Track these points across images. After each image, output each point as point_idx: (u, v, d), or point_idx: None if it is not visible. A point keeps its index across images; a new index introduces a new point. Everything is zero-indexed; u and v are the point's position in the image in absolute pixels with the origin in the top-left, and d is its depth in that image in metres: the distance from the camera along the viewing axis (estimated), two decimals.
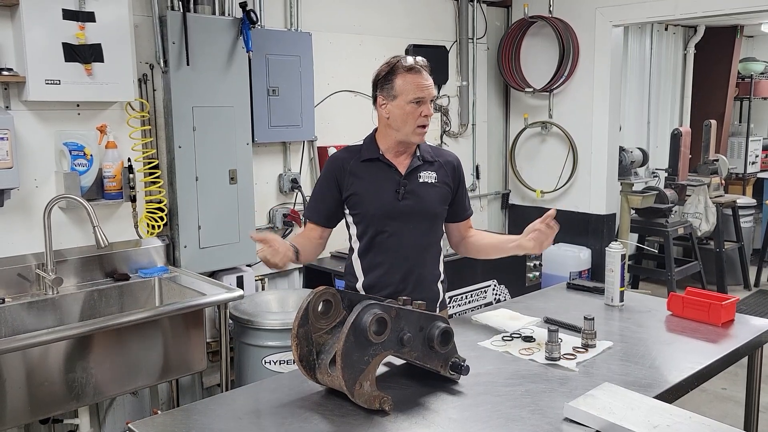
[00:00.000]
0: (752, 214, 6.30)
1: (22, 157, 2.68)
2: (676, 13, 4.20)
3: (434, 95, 2.19)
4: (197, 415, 1.72)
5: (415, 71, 2.14)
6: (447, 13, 4.51)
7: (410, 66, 2.14)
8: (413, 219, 2.21)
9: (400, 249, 2.21)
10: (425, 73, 2.16)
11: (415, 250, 2.23)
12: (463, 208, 2.37)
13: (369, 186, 2.20)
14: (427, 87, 2.14)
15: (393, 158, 2.23)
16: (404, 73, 2.13)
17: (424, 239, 2.25)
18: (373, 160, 2.22)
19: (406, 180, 2.20)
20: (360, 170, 2.22)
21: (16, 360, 2.22)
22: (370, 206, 2.20)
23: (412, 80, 2.13)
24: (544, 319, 2.33)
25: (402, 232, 2.20)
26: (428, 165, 2.25)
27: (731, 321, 2.31)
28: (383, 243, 2.21)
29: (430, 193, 2.23)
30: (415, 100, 2.12)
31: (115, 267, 2.94)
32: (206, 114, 3.14)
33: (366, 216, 2.22)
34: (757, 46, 7.43)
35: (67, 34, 2.64)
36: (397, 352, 1.73)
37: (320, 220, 2.28)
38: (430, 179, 2.24)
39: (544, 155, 4.89)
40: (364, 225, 2.23)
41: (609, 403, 1.62)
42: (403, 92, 2.13)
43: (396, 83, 2.13)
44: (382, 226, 2.20)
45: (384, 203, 2.19)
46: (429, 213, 2.24)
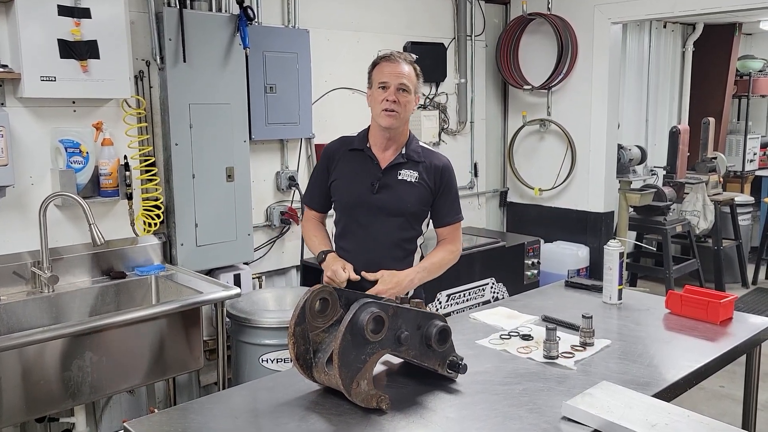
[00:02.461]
0: (750, 212, 6.31)
1: (18, 154, 2.66)
2: (675, 11, 4.19)
3: (404, 84, 2.21)
4: (193, 413, 1.71)
5: (388, 59, 2.23)
6: (445, 10, 4.50)
7: (386, 55, 2.24)
8: (385, 213, 2.26)
9: (368, 240, 2.27)
10: (401, 63, 2.22)
11: (383, 244, 2.27)
12: (442, 214, 2.34)
13: (348, 174, 2.30)
14: (395, 73, 2.20)
15: (378, 152, 2.29)
16: (380, 62, 2.25)
17: (394, 235, 2.28)
18: (358, 151, 2.31)
19: (382, 174, 2.26)
20: (345, 159, 2.32)
21: (12, 358, 2.20)
22: (345, 194, 2.31)
23: (383, 67, 2.22)
24: (542, 318, 2.33)
25: (372, 224, 2.26)
26: (412, 164, 2.29)
27: (729, 319, 2.31)
28: (353, 231, 2.30)
29: (407, 191, 2.26)
30: (380, 84, 2.21)
31: (112, 265, 2.93)
32: (203, 111, 3.13)
33: (341, 203, 2.32)
34: (756, 44, 7.42)
35: (63, 30, 2.63)
36: (395, 350, 1.72)
37: (316, 206, 2.43)
38: (410, 178, 2.27)
39: (542, 153, 4.88)
40: (339, 211, 2.35)
41: (607, 401, 1.62)
42: (375, 79, 2.24)
43: (373, 72, 2.26)
44: (354, 215, 2.29)
45: (358, 193, 2.27)
46: (402, 210, 2.27)
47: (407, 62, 2.25)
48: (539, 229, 4.79)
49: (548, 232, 4.82)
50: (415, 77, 2.25)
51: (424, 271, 2.29)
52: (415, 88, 2.25)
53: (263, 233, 3.62)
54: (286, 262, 3.75)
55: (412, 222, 2.31)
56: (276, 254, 3.70)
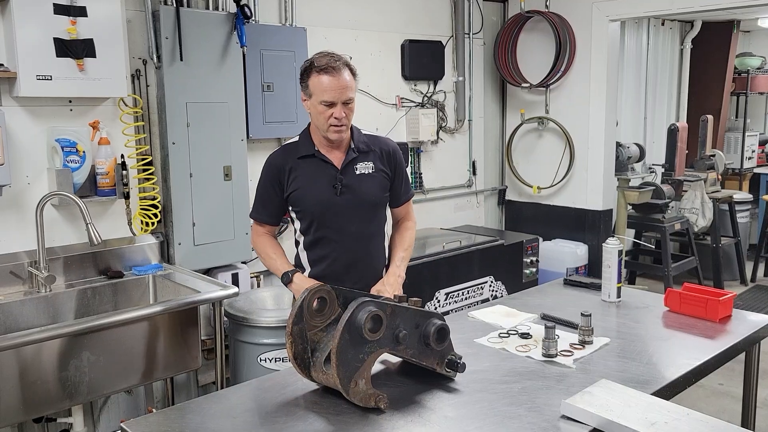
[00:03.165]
0: (749, 210, 6.31)
1: (14, 153, 2.65)
2: (673, 8, 4.19)
3: (349, 96, 2.13)
4: (191, 413, 1.70)
5: (327, 72, 2.10)
6: (443, 8, 4.49)
7: (322, 66, 2.11)
8: (353, 211, 2.25)
9: (343, 241, 2.26)
10: (342, 74, 2.11)
11: (358, 240, 2.27)
12: (398, 194, 2.38)
13: (307, 182, 2.24)
14: (339, 89, 2.10)
15: (328, 152, 2.25)
16: (317, 73, 2.12)
17: (366, 229, 2.28)
18: (309, 157, 2.25)
19: (342, 175, 2.23)
20: (298, 167, 2.26)
21: (9, 358, 2.19)
22: (309, 203, 2.25)
23: (323, 81, 2.10)
24: (541, 316, 2.32)
25: (343, 224, 2.25)
26: (363, 155, 2.27)
27: (728, 317, 2.31)
28: (326, 236, 2.27)
29: (369, 183, 2.26)
30: (325, 102, 2.11)
31: (109, 264, 2.92)
32: (200, 110, 3.11)
33: (307, 212, 2.27)
34: (754, 41, 7.42)
35: (59, 29, 2.62)
36: (393, 349, 1.71)
37: (268, 220, 2.36)
38: (367, 170, 2.26)
39: (540, 151, 4.88)
40: (307, 220, 2.28)
41: (606, 400, 1.61)
42: (315, 92, 2.14)
43: (310, 82, 2.14)
44: (323, 221, 2.26)
45: (323, 199, 2.23)
46: (369, 204, 2.28)
47: (345, 67, 2.13)
48: (538, 228, 4.78)
49: (547, 230, 4.81)
50: (354, 78, 2.16)
51: (404, 261, 2.35)
52: (355, 91, 2.17)
53: None
54: None
55: (378, 212, 2.33)
56: None
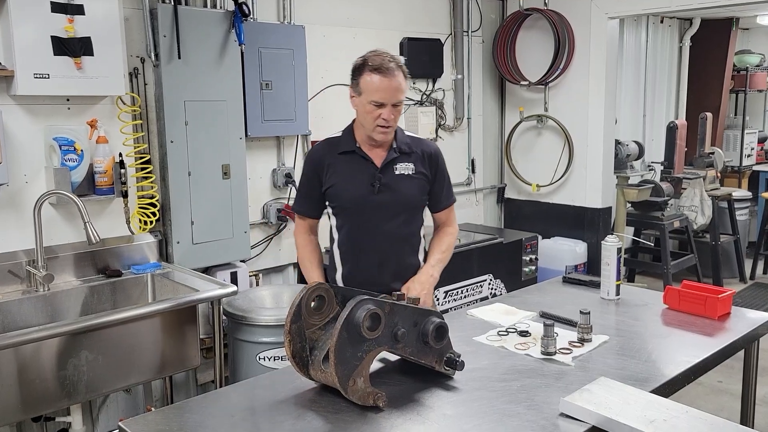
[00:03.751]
0: (748, 207, 6.31)
1: (11, 152, 2.65)
2: (672, 5, 4.18)
3: (399, 99, 2.14)
4: (190, 412, 1.70)
5: (380, 72, 2.10)
6: (442, 6, 4.48)
7: (376, 66, 2.11)
8: (389, 211, 2.23)
9: (377, 240, 2.25)
10: (394, 76, 2.11)
11: (392, 241, 2.26)
12: (439, 199, 2.37)
13: (345, 178, 2.24)
14: (390, 90, 2.10)
15: (369, 150, 2.25)
16: (369, 72, 2.12)
17: (401, 231, 2.27)
18: (349, 153, 2.25)
19: (381, 173, 2.22)
20: (337, 163, 2.26)
21: (8, 357, 2.19)
22: (346, 199, 2.25)
23: (375, 81, 2.10)
24: (540, 314, 2.32)
25: (378, 224, 2.24)
26: (405, 156, 2.26)
27: (727, 314, 2.30)
28: (360, 235, 2.27)
29: (407, 185, 2.25)
30: (374, 102, 2.12)
31: (107, 263, 2.92)
32: (198, 108, 3.11)
33: (343, 208, 2.27)
34: (753, 39, 7.42)
35: (56, 27, 2.61)
36: (391, 347, 1.71)
37: (309, 214, 2.36)
38: (407, 171, 2.25)
39: (539, 149, 4.87)
40: (342, 217, 2.29)
41: (605, 397, 1.61)
42: (365, 91, 2.13)
43: (361, 80, 2.14)
44: (358, 218, 2.25)
45: (359, 196, 2.22)
46: (406, 205, 2.27)
47: (398, 68, 2.13)
48: (537, 225, 4.78)
49: (546, 228, 4.81)
50: (405, 81, 2.16)
51: (439, 263, 2.32)
52: (405, 93, 2.18)
53: (260, 231, 3.61)
54: (283, 260, 3.73)
55: (415, 214, 2.32)
56: (273, 252, 3.69)
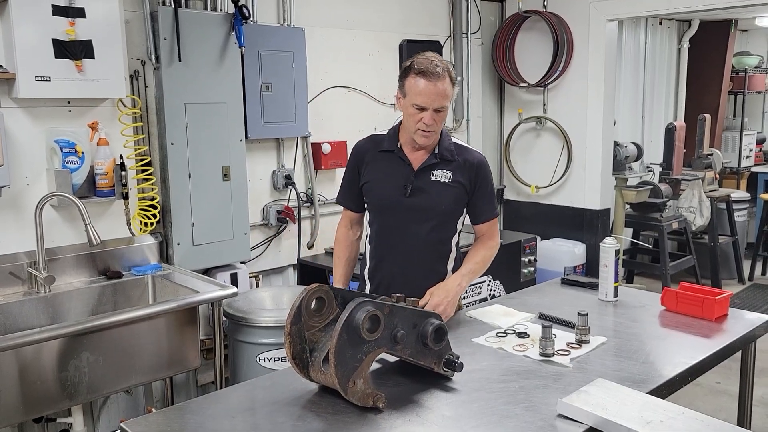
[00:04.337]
0: (746, 208, 6.32)
1: (13, 154, 2.66)
2: (671, 8, 4.20)
3: (442, 104, 2.10)
4: (190, 413, 1.71)
5: (425, 75, 2.07)
6: (441, 8, 4.50)
7: (422, 69, 2.08)
8: (419, 215, 2.22)
9: (403, 242, 2.25)
10: (440, 80, 2.07)
11: (420, 245, 2.24)
12: (480, 211, 2.31)
13: (380, 177, 2.25)
14: (433, 94, 2.07)
15: (410, 152, 2.23)
16: (414, 75, 2.09)
17: (430, 236, 2.24)
18: (389, 152, 2.25)
19: (415, 177, 2.21)
20: (376, 160, 2.26)
21: (9, 359, 2.20)
22: (377, 197, 2.27)
23: (419, 85, 2.08)
24: (539, 315, 2.33)
25: (406, 226, 2.23)
26: (445, 163, 2.22)
27: (725, 316, 2.31)
28: (387, 234, 2.28)
29: (441, 191, 2.21)
30: (416, 106, 2.10)
31: (108, 265, 2.93)
32: (199, 110, 3.12)
33: (374, 206, 2.29)
34: (751, 40, 7.43)
35: (57, 30, 2.62)
36: (391, 349, 1.72)
37: (351, 206, 2.39)
38: (443, 178, 2.21)
39: (538, 150, 4.89)
40: (374, 214, 2.31)
41: (603, 399, 1.62)
42: (409, 93, 2.12)
43: (407, 82, 2.12)
44: (387, 218, 2.26)
45: (390, 196, 2.23)
46: (437, 211, 2.23)
47: (446, 73, 2.09)
48: (536, 227, 4.79)
49: (545, 229, 4.82)
50: (452, 87, 2.12)
51: (470, 273, 2.27)
52: (452, 99, 2.14)
53: (260, 232, 3.62)
54: (283, 261, 3.75)
55: (447, 222, 2.27)
56: (273, 253, 3.70)
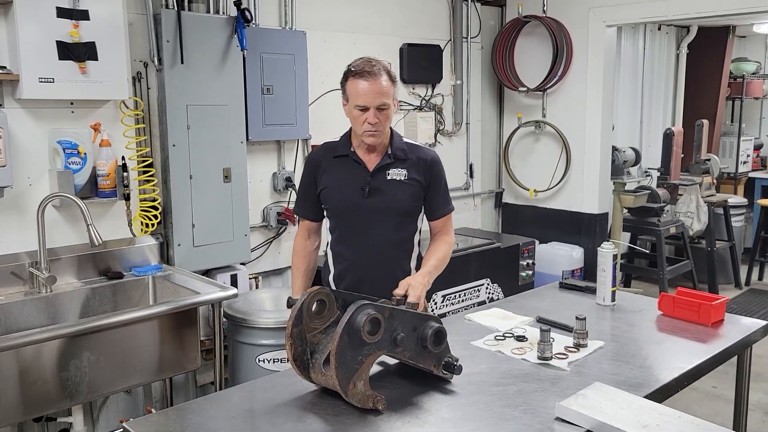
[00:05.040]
0: (743, 214, 6.34)
1: (16, 155, 2.67)
2: (669, 14, 4.22)
3: (383, 102, 2.14)
4: (191, 414, 1.73)
5: (363, 77, 2.12)
6: (441, 12, 4.52)
7: (358, 71, 2.14)
8: (379, 215, 2.25)
9: (366, 244, 2.27)
10: (378, 79, 2.12)
11: (382, 245, 2.27)
12: (435, 206, 2.36)
13: (337, 182, 2.28)
14: (372, 93, 2.11)
15: (364, 155, 2.28)
16: (353, 78, 2.15)
17: (391, 235, 2.28)
18: (344, 157, 2.29)
19: (371, 178, 2.25)
20: (332, 166, 2.30)
21: (10, 359, 2.21)
22: (336, 202, 2.29)
23: (358, 86, 2.13)
24: (537, 319, 2.35)
25: (367, 227, 2.26)
26: (399, 162, 2.27)
27: (721, 321, 2.34)
28: (350, 237, 2.30)
29: (398, 190, 2.25)
30: (358, 107, 2.14)
31: (109, 265, 2.94)
32: (200, 112, 3.14)
33: (334, 211, 2.32)
34: (749, 47, 7.46)
35: (61, 32, 2.64)
36: (391, 351, 1.74)
37: (309, 215, 2.41)
38: (399, 176, 2.26)
39: (537, 154, 4.91)
40: (334, 220, 2.34)
41: (600, 402, 1.64)
42: (350, 96, 2.17)
43: (347, 86, 2.18)
44: (348, 221, 2.29)
45: (349, 199, 2.26)
46: (396, 210, 2.27)
47: (383, 71, 2.14)
48: (534, 230, 4.82)
49: (543, 233, 4.85)
50: (392, 85, 2.17)
51: (435, 270, 2.28)
52: (393, 97, 2.18)
53: (260, 234, 3.64)
54: (283, 263, 3.76)
55: (407, 220, 2.32)
56: (273, 255, 3.71)
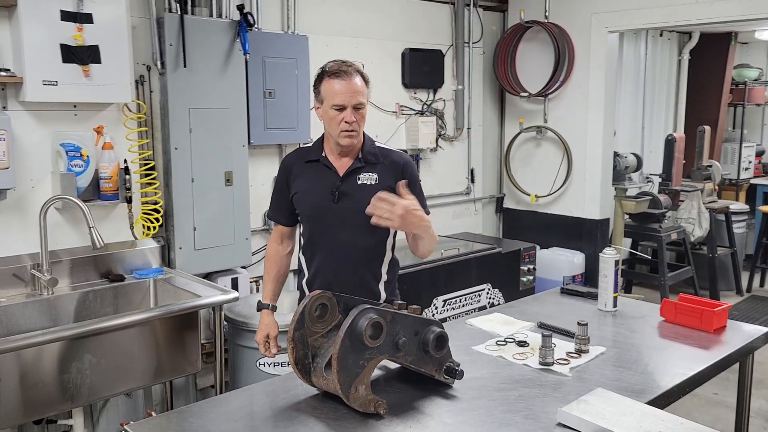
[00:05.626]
0: (745, 220, 6.34)
1: (19, 157, 2.68)
2: (671, 20, 4.23)
3: (359, 101, 2.13)
4: (192, 417, 1.73)
5: (339, 76, 2.12)
6: (443, 17, 4.53)
7: (334, 71, 2.14)
8: (349, 220, 2.22)
9: (336, 248, 2.26)
10: (353, 78, 2.13)
11: (351, 250, 2.24)
12: None
13: (307, 186, 2.28)
14: (349, 92, 2.12)
15: (335, 160, 2.26)
16: (328, 78, 2.14)
17: (361, 240, 2.24)
18: (314, 162, 2.28)
19: (341, 182, 2.23)
20: (303, 171, 2.30)
21: (11, 361, 2.21)
22: (307, 206, 2.29)
23: (334, 86, 2.13)
24: (538, 324, 2.35)
25: (337, 232, 2.24)
26: (370, 167, 2.25)
27: (723, 327, 2.33)
28: (320, 242, 2.29)
29: (369, 195, 2.16)
30: (335, 106, 2.13)
31: (110, 268, 2.94)
32: (202, 116, 3.15)
33: (305, 215, 2.31)
34: (751, 53, 7.47)
35: (65, 35, 2.64)
36: (393, 356, 1.74)
37: (281, 220, 2.41)
38: (370, 181, 2.24)
39: (538, 159, 4.91)
40: (306, 224, 2.33)
41: (601, 408, 1.64)
42: (326, 96, 2.15)
43: (322, 88, 2.17)
44: (318, 226, 2.28)
45: (318, 204, 2.25)
46: (365, 215, 2.15)
47: (356, 73, 2.16)
48: (535, 236, 4.82)
49: (544, 238, 4.85)
50: (366, 85, 2.18)
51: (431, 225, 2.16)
52: (367, 98, 2.19)
53: (261, 237, 3.64)
54: None
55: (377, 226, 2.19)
56: None
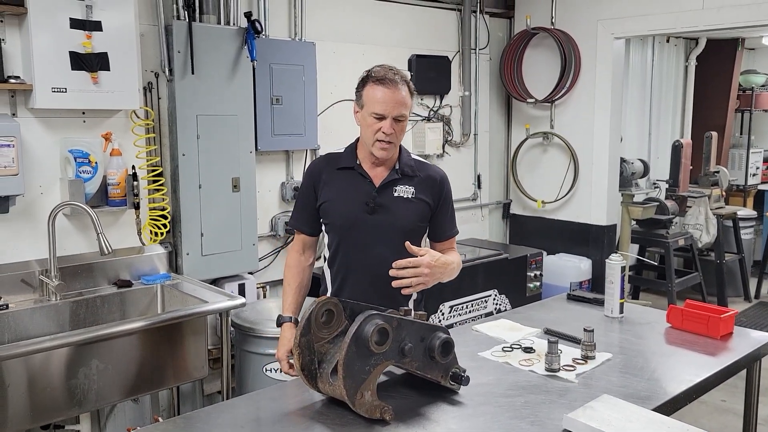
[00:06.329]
0: (753, 226, 6.31)
1: (28, 164, 2.70)
2: (678, 26, 4.23)
3: (401, 113, 2.05)
4: (198, 423, 1.73)
5: (383, 84, 2.04)
6: (450, 24, 4.54)
7: (379, 77, 2.05)
8: (383, 233, 2.11)
9: (367, 262, 2.13)
10: (397, 89, 2.04)
11: (383, 265, 2.03)
12: (442, 228, 2.23)
13: (340, 195, 2.15)
14: (392, 102, 2.03)
15: (370, 168, 2.16)
16: (372, 84, 2.06)
17: (394, 256, 2.02)
18: (348, 169, 2.16)
19: (377, 193, 2.12)
20: (334, 178, 2.17)
21: (19, 366, 2.23)
22: (337, 216, 2.15)
23: (377, 93, 2.04)
24: (544, 330, 2.34)
25: (370, 245, 2.12)
26: (407, 179, 2.15)
27: (730, 334, 2.32)
28: (350, 254, 2.16)
29: (405, 208, 2.13)
30: (375, 114, 2.05)
31: (118, 274, 2.96)
32: (210, 122, 3.16)
33: (335, 226, 2.17)
34: (758, 59, 7.45)
35: (74, 42, 2.67)
36: (398, 362, 1.74)
37: (304, 229, 2.26)
38: (406, 194, 2.14)
39: (545, 165, 4.91)
40: (333, 235, 2.19)
41: (608, 415, 1.64)
42: (367, 103, 2.07)
43: (364, 93, 2.08)
44: (349, 238, 2.15)
45: (352, 215, 2.13)
46: (401, 229, 2.12)
47: (403, 82, 2.06)
48: (542, 242, 4.81)
49: (551, 244, 4.84)
50: (410, 97, 2.09)
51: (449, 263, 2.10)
52: (410, 110, 2.10)
53: (268, 243, 3.65)
54: None
55: (411, 240, 2.11)
56: (280, 264, 3.69)
